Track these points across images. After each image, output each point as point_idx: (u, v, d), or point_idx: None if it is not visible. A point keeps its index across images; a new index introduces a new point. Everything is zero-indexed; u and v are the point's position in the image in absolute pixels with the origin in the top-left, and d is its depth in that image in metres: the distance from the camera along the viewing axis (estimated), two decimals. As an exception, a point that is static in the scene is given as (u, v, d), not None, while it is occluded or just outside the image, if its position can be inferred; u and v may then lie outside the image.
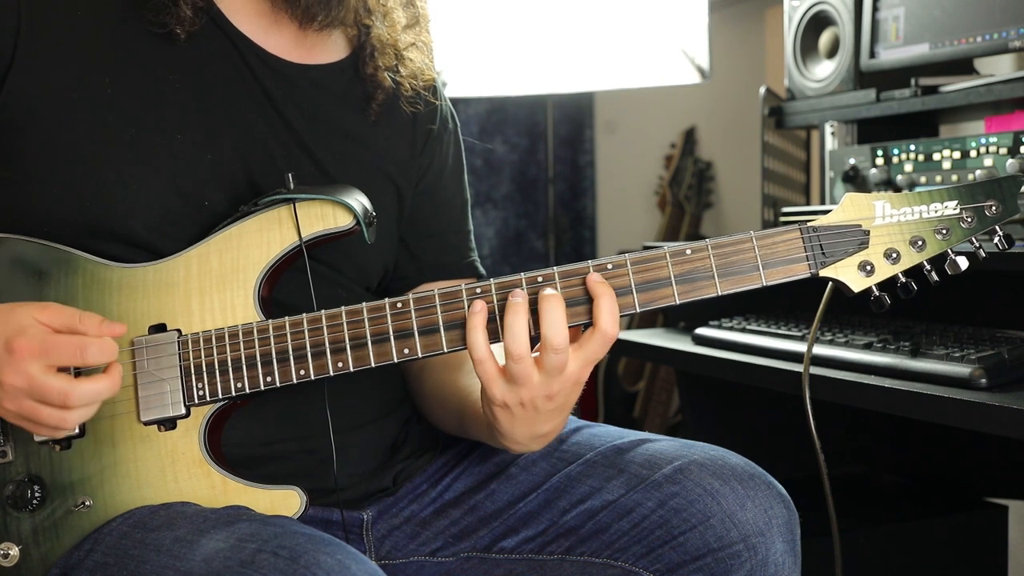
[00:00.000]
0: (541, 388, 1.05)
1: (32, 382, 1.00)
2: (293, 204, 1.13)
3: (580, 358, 1.05)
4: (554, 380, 1.05)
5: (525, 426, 1.09)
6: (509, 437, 1.11)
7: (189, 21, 1.17)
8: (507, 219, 3.83)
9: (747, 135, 2.82)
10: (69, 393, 1.00)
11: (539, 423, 1.09)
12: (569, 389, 1.07)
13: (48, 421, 1.02)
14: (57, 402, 1.01)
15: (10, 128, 1.13)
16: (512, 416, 1.08)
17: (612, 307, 1.05)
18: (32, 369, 1.00)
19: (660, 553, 1.11)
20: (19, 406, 1.01)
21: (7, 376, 1.00)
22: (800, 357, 1.45)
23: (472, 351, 1.06)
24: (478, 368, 1.06)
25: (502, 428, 1.09)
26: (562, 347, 1.03)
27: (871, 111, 1.88)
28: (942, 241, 1.08)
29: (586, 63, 2.65)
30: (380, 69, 1.28)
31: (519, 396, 1.05)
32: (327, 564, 0.94)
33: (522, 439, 1.11)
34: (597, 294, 1.05)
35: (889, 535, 1.88)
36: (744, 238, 1.08)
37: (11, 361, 1.00)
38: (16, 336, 1.00)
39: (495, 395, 1.06)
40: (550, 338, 1.03)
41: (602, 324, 1.04)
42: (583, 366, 1.06)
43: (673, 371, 2.78)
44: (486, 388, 1.07)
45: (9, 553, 1.09)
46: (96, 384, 1.02)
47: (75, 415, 1.03)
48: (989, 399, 1.21)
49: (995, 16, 1.65)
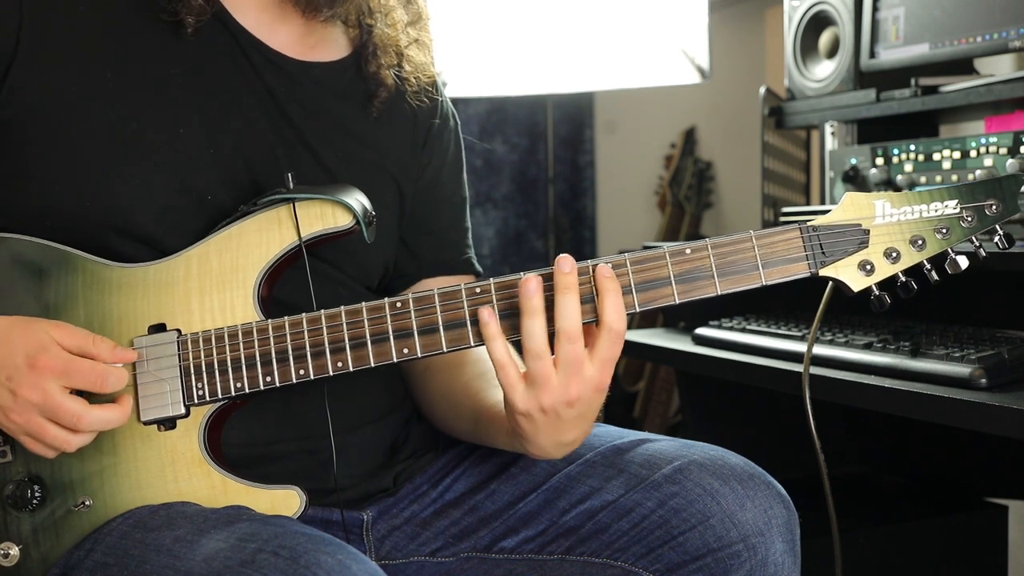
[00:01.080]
0: (560, 391, 1.05)
1: (48, 400, 1.01)
2: (292, 204, 1.13)
3: (596, 359, 1.05)
4: (572, 381, 1.04)
5: (548, 434, 1.08)
6: (534, 444, 1.10)
7: (199, 9, 1.17)
8: (507, 219, 3.83)
9: (747, 135, 2.82)
10: (83, 417, 1.02)
11: (562, 431, 1.08)
12: (590, 396, 1.06)
13: (53, 441, 1.04)
14: (69, 424, 1.03)
15: (12, 124, 1.13)
16: (535, 424, 1.07)
17: (617, 302, 1.05)
18: (50, 387, 1.01)
19: (660, 553, 1.11)
20: (27, 420, 1.02)
21: (24, 390, 1.01)
22: (800, 357, 1.45)
23: (492, 357, 1.06)
24: (499, 373, 1.06)
25: (526, 435, 1.09)
26: (575, 334, 1.03)
27: (871, 111, 1.88)
28: (942, 240, 1.08)
29: (586, 63, 2.65)
30: (382, 67, 1.28)
31: (540, 402, 1.05)
32: (327, 564, 0.94)
33: (546, 446, 1.10)
34: (603, 289, 1.05)
35: (889, 535, 1.88)
36: (744, 237, 1.08)
37: (31, 375, 1.01)
38: (39, 353, 1.02)
39: (517, 402, 1.06)
40: (565, 327, 1.03)
41: (607, 319, 1.04)
42: (600, 368, 1.05)
43: (673, 371, 2.78)
44: (507, 395, 1.06)
45: (9, 553, 1.09)
46: (108, 413, 1.05)
47: (79, 439, 1.05)
48: (989, 399, 1.21)
49: (995, 16, 1.65)
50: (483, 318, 1.06)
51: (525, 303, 1.04)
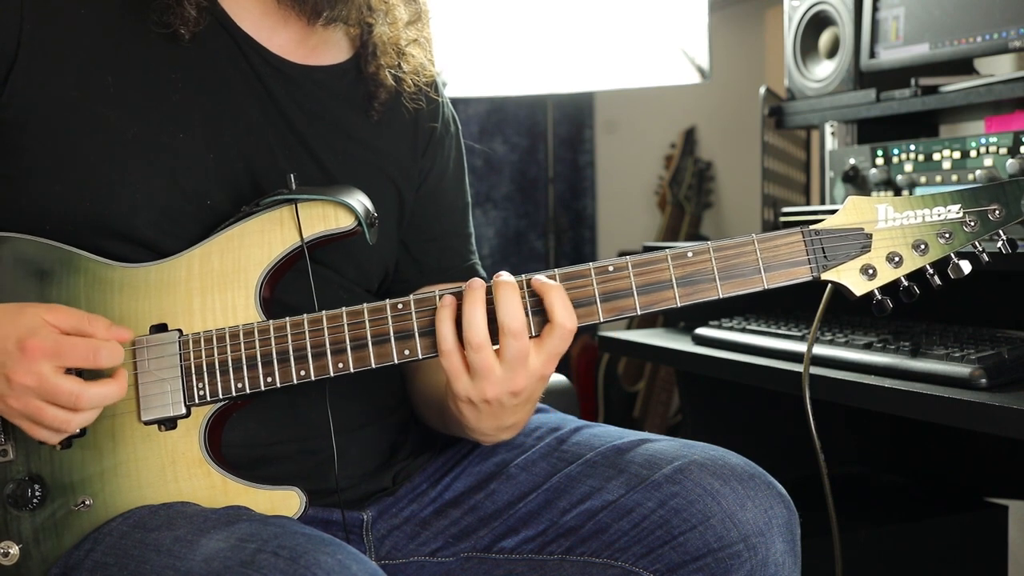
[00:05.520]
0: (505, 383, 1.06)
1: (43, 382, 1.01)
2: (295, 205, 1.13)
3: (543, 352, 1.06)
4: (518, 373, 1.05)
5: (490, 420, 1.11)
6: (476, 431, 1.13)
7: (193, 21, 1.17)
8: (507, 219, 3.83)
9: (747, 135, 2.82)
10: (80, 395, 1.02)
11: (504, 416, 1.11)
12: (535, 384, 1.09)
13: (52, 423, 1.03)
14: (67, 404, 1.02)
15: (13, 126, 1.13)
16: (478, 412, 1.09)
17: (563, 299, 1.06)
18: (44, 369, 1.01)
19: (660, 553, 1.11)
20: (25, 405, 1.02)
21: (18, 375, 1.01)
22: (800, 357, 1.45)
23: (439, 343, 1.06)
24: (444, 361, 1.07)
25: (468, 423, 1.12)
26: (519, 332, 1.04)
27: (871, 111, 1.88)
28: (945, 245, 1.07)
29: (586, 63, 2.65)
30: (382, 68, 1.28)
31: (483, 392, 1.06)
32: (327, 564, 0.94)
33: (489, 431, 1.13)
34: (543, 291, 1.06)
35: (889, 535, 1.89)
36: (746, 241, 1.08)
37: (23, 360, 1.01)
38: (29, 336, 1.01)
39: (460, 391, 1.07)
40: (507, 323, 1.04)
41: (558, 318, 1.05)
42: (546, 360, 1.07)
43: (673, 371, 2.78)
44: (451, 383, 1.08)
45: (9, 552, 1.09)
46: (105, 388, 1.04)
47: (80, 418, 1.04)
48: (989, 399, 1.21)
49: (995, 16, 1.65)
50: (444, 300, 1.07)
51: (467, 294, 1.05)
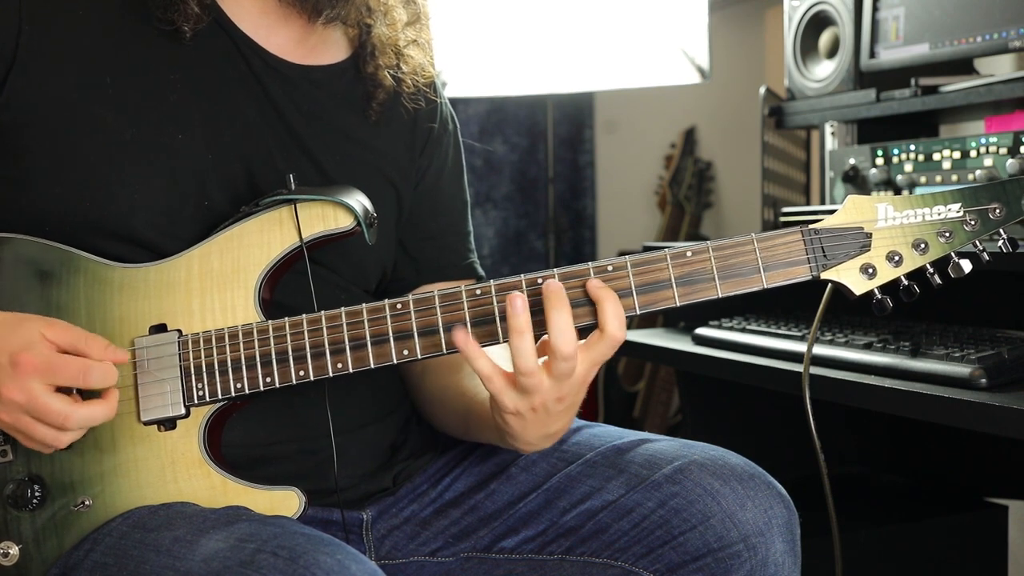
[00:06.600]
0: (552, 392, 1.05)
1: (33, 400, 1.01)
2: (294, 205, 1.13)
3: (587, 360, 1.05)
4: (564, 384, 1.05)
5: (537, 428, 1.09)
6: (521, 439, 1.10)
7: (195, 17, 1.17)
8: (507, 219, 3.83)
9: (747, 135, 2.82)
10: (68, 416, 1.02)
11: (550, 424, 1.09)
12: (577, 389, 1.07)
13: (43, 439, 1.03)
14: (55, 423, 1.02)
15: (12, 127, 1.13)
16: (524, 421, 1.08)
17: (617, 310, 1.04)
18: (34, 386, 1.00)
19: (660, 553, 1.11)
20: (16, 420, 1.02)
21: (8, 390, 1.01)
22: (800, 357, 1.45)
23: (478, 371, 1.05)
24: (487, 385, 1.06)
25: (514, 432, 1.09)
26: (572, 355, 1.03)
27: (871, 111, 1.88)
28: (945, 244, 1.07)
29: (586, 63, 2.65)
30: (381, 68, 1.28)
31: (531, 403, 1.05)
32: (327, 564, 0.94)
33: (534, 440, 1.11)
34: (600, 299, 1.04)
35: (889, 535, 1.89)
36: (745, 240, 1.08)
37: (14, 375, 1.01)
38: (22, 350, 1.01)
39: (507, 404, 1.06)
40: (560, 348, 1.02)
41: (609, 328, 1.04)
42: (590, 368, 1.06)
43: (673, 371, 2.78)
44: (497, 400, 1.06)
45: (9, 552, 1.09)
46: (94, 409, 1.04)
47: (69, 436, 1.04)
48: (989, 399, 1.21)
49: (995, 16, 1.65)
50: (459, 343, 1.04)
51: (513, 321, 1.03)
